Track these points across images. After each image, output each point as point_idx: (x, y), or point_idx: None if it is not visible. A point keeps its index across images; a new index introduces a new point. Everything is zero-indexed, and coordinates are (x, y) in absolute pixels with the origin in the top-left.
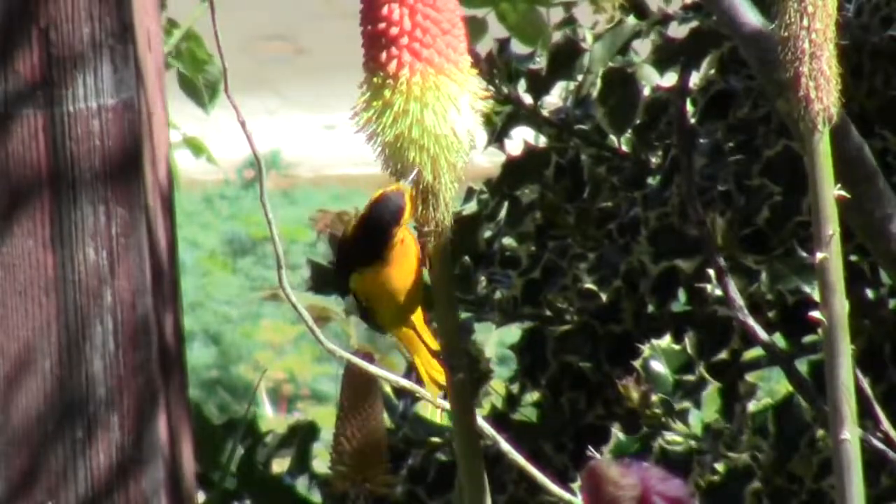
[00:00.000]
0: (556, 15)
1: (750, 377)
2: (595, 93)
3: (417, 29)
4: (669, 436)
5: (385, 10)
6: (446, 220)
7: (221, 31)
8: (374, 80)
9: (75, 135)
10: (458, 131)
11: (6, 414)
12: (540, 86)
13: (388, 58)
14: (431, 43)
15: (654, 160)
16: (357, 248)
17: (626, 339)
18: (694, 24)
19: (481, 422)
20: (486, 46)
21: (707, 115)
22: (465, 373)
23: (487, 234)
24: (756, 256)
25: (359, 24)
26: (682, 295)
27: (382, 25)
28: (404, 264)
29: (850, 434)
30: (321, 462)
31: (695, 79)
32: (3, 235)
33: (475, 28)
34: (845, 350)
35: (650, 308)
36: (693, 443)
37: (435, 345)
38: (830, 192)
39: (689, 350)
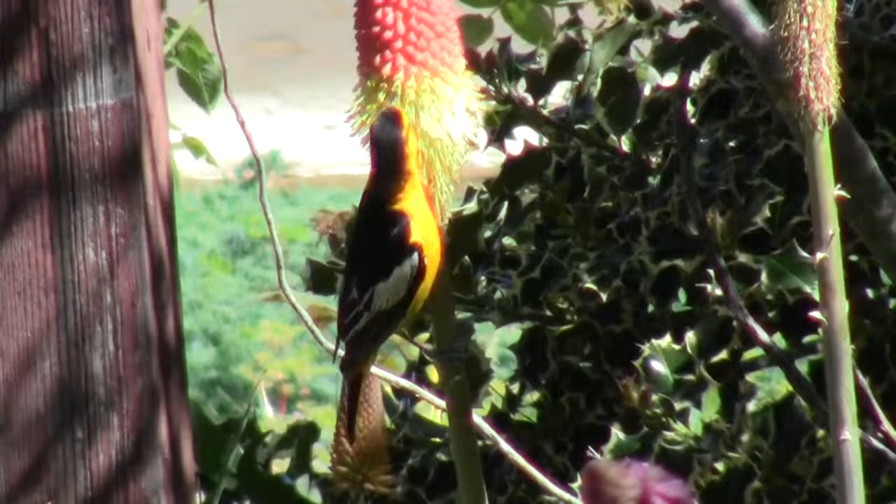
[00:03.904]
0: (561, 15)
1: (750, 377)
2: (595, 93)
3: (411, 32)
4: (669, 436)
5: (379, 14)
6: (442, 222)
7: (221, 30)
8: (369, 83)
9: (75, 135)
10: (453, 134)
11: (6, 414)
12: (540, 86)
13: (382, 61)
14: (426, 46)
15: (654, 160)
16: (385, 172)
17: (626, 339)
18: (694, 24)
19: (481, 422)
20: (491, 46)
21: (707, 114)
22: (463, 373)
23: (487, 234)
24: (756, 256)
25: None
26: (682, 295)
27: (376, 29)
28: (423, 197)
29: (851, 434)
30: (321, 462)
31: (695, 79)
32: (3, 236)
33: (480, 27)
34: (845, 350)
35: (650, 308)
36: (693, 443)
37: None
38: (830, 192)
39: (689, 350)
